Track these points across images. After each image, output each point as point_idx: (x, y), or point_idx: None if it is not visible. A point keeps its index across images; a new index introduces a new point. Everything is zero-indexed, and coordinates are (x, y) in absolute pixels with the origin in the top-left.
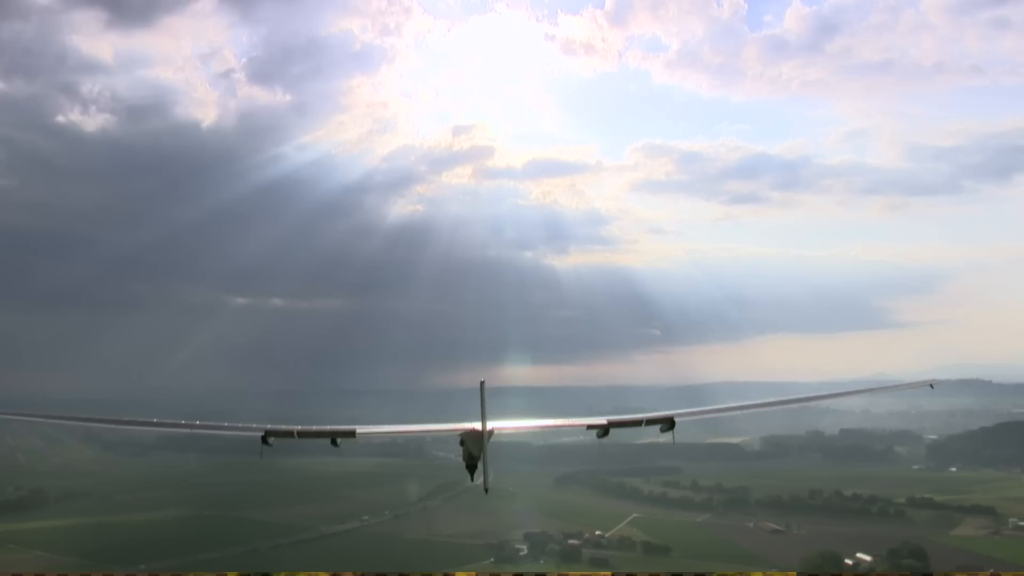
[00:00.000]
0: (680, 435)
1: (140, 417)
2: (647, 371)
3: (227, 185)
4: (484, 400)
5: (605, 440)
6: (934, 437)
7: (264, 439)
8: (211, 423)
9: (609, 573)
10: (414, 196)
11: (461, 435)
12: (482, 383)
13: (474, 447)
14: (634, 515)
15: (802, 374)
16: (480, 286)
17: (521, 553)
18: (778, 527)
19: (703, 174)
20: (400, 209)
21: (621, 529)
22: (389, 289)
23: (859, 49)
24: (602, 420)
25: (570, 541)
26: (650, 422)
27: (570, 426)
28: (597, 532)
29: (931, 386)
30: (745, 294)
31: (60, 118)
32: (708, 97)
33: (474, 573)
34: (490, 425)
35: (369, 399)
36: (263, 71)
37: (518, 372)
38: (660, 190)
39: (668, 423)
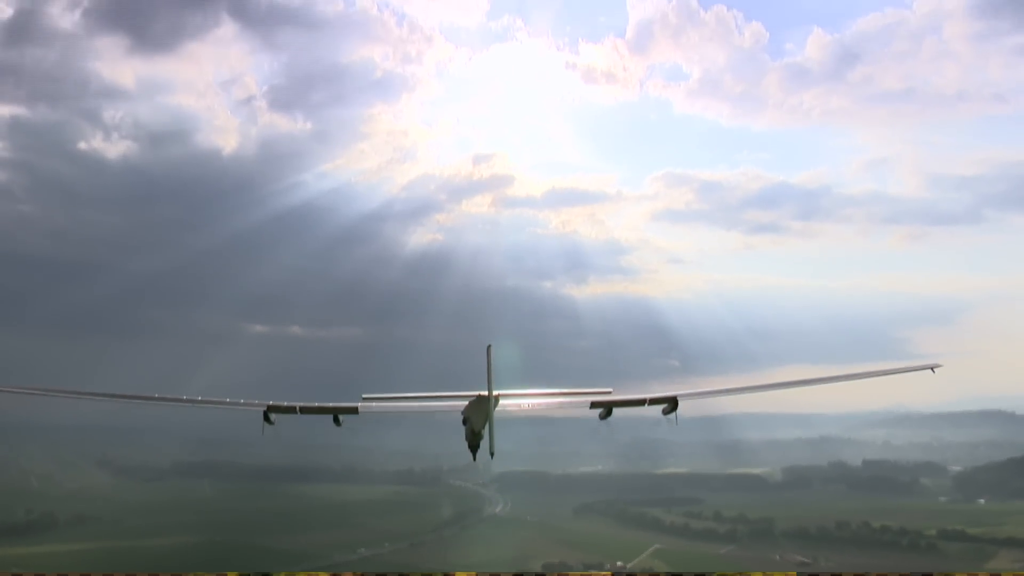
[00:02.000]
0: (700, 465)
1: (157, 442)
2: None
3: (247, 212)
4: (491, 366)
5: (624, 470)
6: (959, 469)
7: (266, 415)
8: (213, 399)
9: None
10: (433, 225)
11: (464, 412)
12: (489, 347)
13: (477, 422)
14: (656, 546)
15: (822, 405)
16: (498, 316)
17: None
18: (805, 559)
19: (723, 203)
20: (419, 238)
21: (643, 560)
22: (407, 318)
23: (881, 77)
24: (608, 390)
25: (591, 572)
26: (653, 402)
27: (575, 395)
28: (619, 563)
29: (932, 370)
30: (765, 325)
31: (82, 145)
32: (729, 126)
33: (474, 573)
34: (496, 392)
35: (387, 426)
36: (284, 98)
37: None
38: (680, 219)
39: (671, 403)
